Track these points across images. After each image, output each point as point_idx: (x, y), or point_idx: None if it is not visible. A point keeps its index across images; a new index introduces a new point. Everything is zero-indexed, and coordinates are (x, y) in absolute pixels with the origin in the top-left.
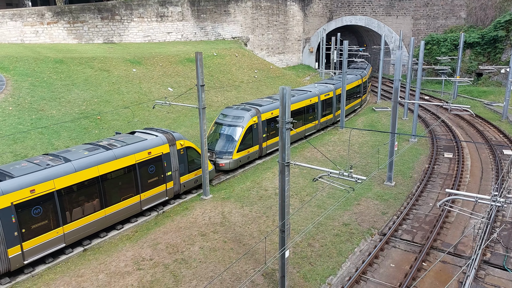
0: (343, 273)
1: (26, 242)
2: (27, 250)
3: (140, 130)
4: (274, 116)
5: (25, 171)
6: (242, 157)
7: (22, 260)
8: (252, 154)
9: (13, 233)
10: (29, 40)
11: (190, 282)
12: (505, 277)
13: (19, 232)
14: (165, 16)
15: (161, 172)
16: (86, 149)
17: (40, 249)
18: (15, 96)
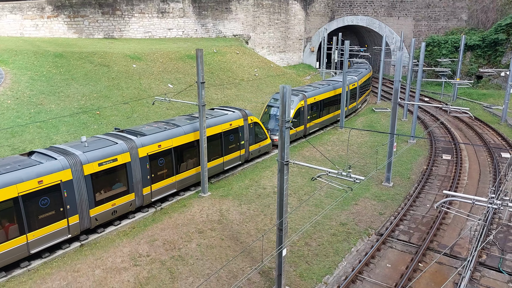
0: (339, 272)
1: (153, 185)
2: (155, 191)
3: (217, 107)
4: (317, 101)
5: (152, 131)
6: (291, 134)
7: (151, 198)
8: (299, 132)
9: (147, 176)
10: (29, 34)
11: (187, 279)
12: (500, 279)
13: (150, 176)
14: (166, 12)
15: (237, 140)
16: (187, 119)
17: (160, 192)
18: (14, 89)
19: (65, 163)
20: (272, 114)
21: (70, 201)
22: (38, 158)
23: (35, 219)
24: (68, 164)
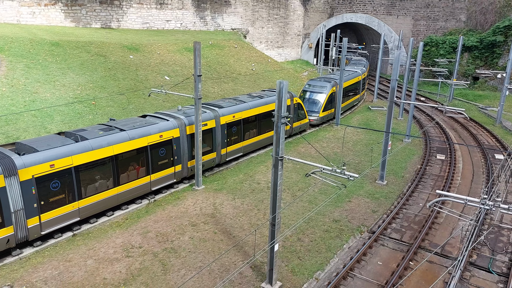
0: (331, 268)
1: (228, 147)
2: (229, 152)
3: (265, 89)
4: (346, 86)
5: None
6: (325, 116)
7: (226, 158)
8: (331, 114)
9: (224, 140)
10: (26, 21)
11: (179, 271)
12: (489, 279)
13: (226, 140)
14: (165, 4)
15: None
16: (249, 96)
17: (232, 153)
18: (9, 77)
19: (175, 124)
20: (307, 98)
21: (177, 154)
22: (153, 120)
23: (155, 164)
24: (177, 124)
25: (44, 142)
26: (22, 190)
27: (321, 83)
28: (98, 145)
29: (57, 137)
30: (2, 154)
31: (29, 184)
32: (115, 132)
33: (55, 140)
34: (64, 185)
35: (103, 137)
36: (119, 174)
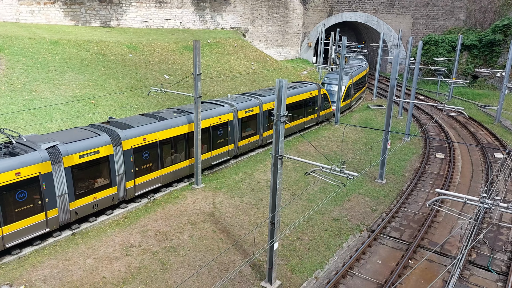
0: (330, 267)
1: (268, 131)
2: (268, 136)
3: (295, 82)
4: (359, 78)
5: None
6: (343, 106)
7: (266, 141)
8: (348, 104)
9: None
10: (25, 20)
11: (178, 270)
12: (489, 278)
13: (266, 125)
14: (164, 2)
15: (313, 106)
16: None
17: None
18: (9, 76)
19: (229, 109)
20: (331, 89)
21: (231, 134)
22: (211, 105)
23: (215, 142)
24: (231, 109)
25: (135, 120)
26: (124, 157)
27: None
28: (175, 124)
29: (142, 117)
30: (109, 128)
31: (128, 153)
32: (185, 114)
33: (142, 119)
34: (152, 156)
35: (177, 118)
36: (190, 149)
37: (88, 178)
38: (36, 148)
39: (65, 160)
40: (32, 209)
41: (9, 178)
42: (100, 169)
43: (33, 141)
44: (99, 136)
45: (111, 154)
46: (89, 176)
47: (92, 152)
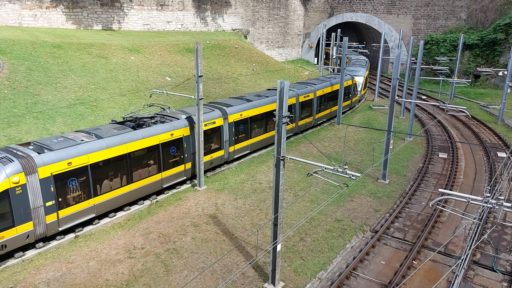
0: (333, 268)
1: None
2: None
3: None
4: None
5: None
6: (363, 94)
7: (234, 155)
8: (364, 94)
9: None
10: (27, 24)
11: (181, 272)
12: (493, 278)
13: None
14: (166, 5)
15: (349, 95)
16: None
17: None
18: (11, 79)
19: None
20: None
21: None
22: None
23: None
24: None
25: (232, 101)
26: (229, 128)
27: (357, 68)
28: (258, 105)
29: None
30: (218, 106)
31: (232, 125)
32: (261, 98)
33: (235, 101)
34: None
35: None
36: (264, 126)
37: (208, 142)
38: (179, 118)
39: (196, 127)
40: (178, 161)
41: (167, 137)
42: (215, 136)
43: (175, 113)
44: (214, 111)
45: (221, 125)
46: (209, 140)
47: (211, 122)
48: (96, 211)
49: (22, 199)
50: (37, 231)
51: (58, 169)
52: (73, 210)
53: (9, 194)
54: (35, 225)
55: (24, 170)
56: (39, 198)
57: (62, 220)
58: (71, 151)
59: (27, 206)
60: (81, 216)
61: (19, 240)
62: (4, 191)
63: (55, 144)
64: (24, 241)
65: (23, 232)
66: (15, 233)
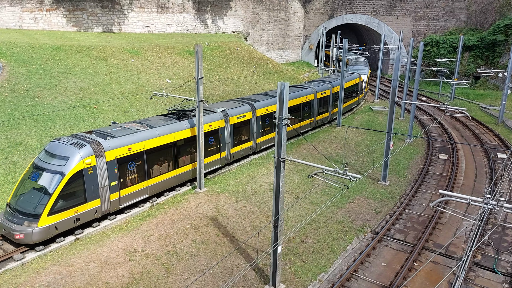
0: (334, 270)
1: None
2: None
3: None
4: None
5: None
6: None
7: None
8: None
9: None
10: (28, 26)
11: (181, 275)
12: (494, 280)
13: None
14: (166, 7)
15: (356, 92)
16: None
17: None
18: (11, 82)
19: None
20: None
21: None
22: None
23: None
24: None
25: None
26: (256, 122)
27: (360, 66)
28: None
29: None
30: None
31: (259, 119)
32: (293, 92)
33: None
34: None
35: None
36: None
37: (239, 133)
38: (215, 111)
39: (230, 119)
40: (215, 150)
41: (206, 128)
42: (245, 128)
43: (211, 107)
44: (244, 105)
45: (251, 118)
46: (240, 132)
47: (242, 115)
48: (148, 192)
49: (93, 178)
50: (103, 208)
51: (120, 153)
52: (131, 190)
53: (83, 174)
54: (102, 202)
55: (95, 153)
56: (105, 178)
57: (122, 199)
58: (130, 138)
59: (96, 185)
60: (137, 196)
61: (89, 214)
62: (79, 171)
63: (116, 132)
64: (93, 216)
65: (92, 207)
66: (87, 208)
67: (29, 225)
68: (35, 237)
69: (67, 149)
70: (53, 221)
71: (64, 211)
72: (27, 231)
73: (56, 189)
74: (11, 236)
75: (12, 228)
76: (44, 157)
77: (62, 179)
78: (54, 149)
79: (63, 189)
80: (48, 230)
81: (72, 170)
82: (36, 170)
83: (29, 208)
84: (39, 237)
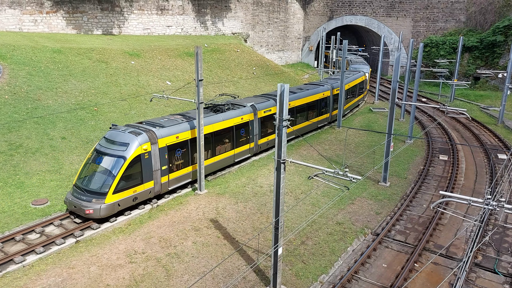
0: (335, 271)
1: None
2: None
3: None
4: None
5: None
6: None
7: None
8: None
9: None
10: (28, 29)
11: (182, 277)
12: (495, 280)
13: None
14: (166, 9)
15: (361, 89)
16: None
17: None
18: (12, 84)
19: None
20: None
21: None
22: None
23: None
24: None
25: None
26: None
27: (361, 65)
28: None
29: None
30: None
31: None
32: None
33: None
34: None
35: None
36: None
37: (265, 126)
38: (245, 105)
39: (258, 113)
40: (245, 140)
41: (237, 121)
42: (270, 122)
43: (241, 101)
44: (269, 100)
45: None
46: (266, 125)
47: (268, 110)
48: (192, 177)
49: (148, 163)
50: (155, 189)
51: (170, 141)
52: (178, 174)
53: (140, 158)
54: (155, 184)
55: (150, 140)
56: (158, 163)
57: (171, 182)
58: (177, 128)
59: (150, 169)
60: (183, 179)
61: (145, 194)
62: (138, 156)
63: (164, 122)
64: (147, 195)
65: (147, 188)
66: (143, 188)
67: (97, 202)
68: (102, 212)
69: (127, 137)
70: (117, 199)
71: (126, 190)
72: (95, 207)
73: (119, 171)
74: (81, 212)
75: (82, 204)
76: (105, 144)
77: (124, 163)
78: (114, 137)
79: (125, 171)
80: (113, 206)
81: (132, 155)
82: (99, 155)
83: (96, 188)
84: (106, 213)
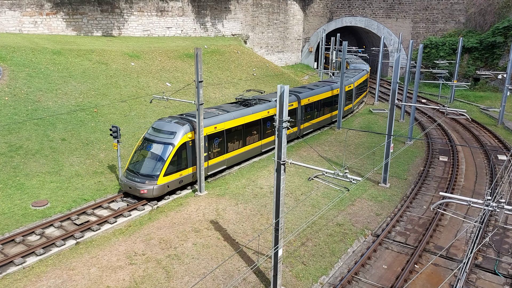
0: (335, 273)
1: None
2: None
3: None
4: None
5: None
6: None
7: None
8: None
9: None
10: (27, 31)
11: (182, 278)
12: (495, 281)
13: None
14: (165, 11)
15: (364, 89)
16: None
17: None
18: (12, 86)
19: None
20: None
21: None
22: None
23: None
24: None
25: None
26: (300, 110)
27: (360, 65)
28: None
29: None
30: (294, 93)
31: (303, 108)
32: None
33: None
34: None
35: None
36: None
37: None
38: (270, 100)
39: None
40: (271, 132)
41: (264, 115)
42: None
43: (267, 96)
44: (291, 96)
45: (296, 107)
46: None
47: (290, 104)
48: (226, 164)
49: (192, 149)
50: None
51: (210, 131)
52: (215, 161)
53: (186, 145)
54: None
55: (193, 129)
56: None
57: (210, 167)
58: (215, 119)
59: (194, 155)
60: (219, 166)
61: (188, 178)
62: (184, 143)
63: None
64: (191, 179)
65: (191, 172)
66: (187, 172)
67: (150, 183)
68: (155, 192)
69: (174, 126)
70: (167, 181)
71: (174, 174)
72: (149, 188)
73: (168, 157)
74: (136, 192)
75: (137, 186)
76: (154, 133)
77: (172, 149)
78: (161, 127)
79: (173, 157)
80: (163, 187)
81: (179, 142)
82: (149, 142)
83: (149, 171)
84: (157, 193)
